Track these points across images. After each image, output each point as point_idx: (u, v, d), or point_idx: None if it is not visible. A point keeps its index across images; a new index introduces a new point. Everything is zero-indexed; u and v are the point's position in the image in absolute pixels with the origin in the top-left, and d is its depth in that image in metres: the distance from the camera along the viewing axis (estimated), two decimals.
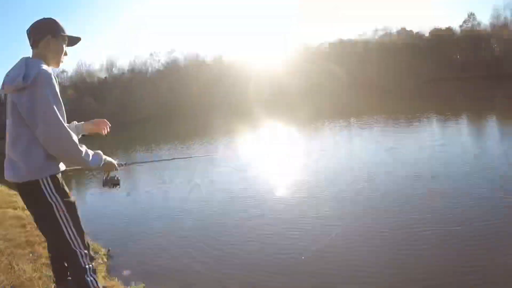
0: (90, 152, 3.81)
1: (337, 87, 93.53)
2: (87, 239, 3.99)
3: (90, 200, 20.93)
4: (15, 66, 3.52)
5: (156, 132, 62.57)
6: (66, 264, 4.06)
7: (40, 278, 6.88)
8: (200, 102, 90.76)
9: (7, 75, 3.51)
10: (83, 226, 3.95)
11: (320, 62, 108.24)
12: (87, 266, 3.80)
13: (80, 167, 4.02)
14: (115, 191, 4.79)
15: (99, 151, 3.97)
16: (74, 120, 5.01)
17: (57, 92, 3.50)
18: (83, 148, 3.71)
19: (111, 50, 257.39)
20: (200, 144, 38.80)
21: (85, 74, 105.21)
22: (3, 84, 3.54)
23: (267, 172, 21.58)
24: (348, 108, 56.56)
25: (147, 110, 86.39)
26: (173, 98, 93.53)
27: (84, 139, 4.28)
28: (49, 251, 4.42)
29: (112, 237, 13.04)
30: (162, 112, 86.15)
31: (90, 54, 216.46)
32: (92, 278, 3.82)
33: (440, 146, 22.66)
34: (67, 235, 3.69)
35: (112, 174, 4.31)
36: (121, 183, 4.51)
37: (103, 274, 9.09)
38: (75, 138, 3.58)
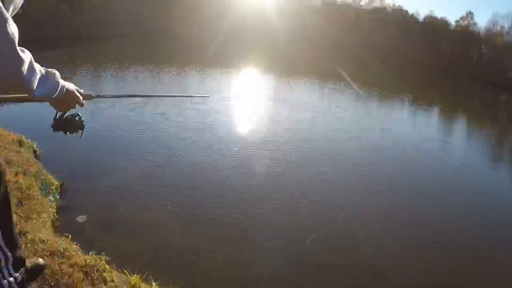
0: (38, 69, 2.20)
1: (318, 47, 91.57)
2: (15, 230, 3.03)
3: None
4: None
5: (133, 52, 57.73)
6: None
7: None
8: (182, 28, 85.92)
9: None
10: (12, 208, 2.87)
11: (309, 17, 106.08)
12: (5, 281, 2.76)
13: (16, 95, 2.89)
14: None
15: (55, 71, 2.41)
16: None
17: None
18: (26, 56, 2.06)
19: None
20: (176, 75, 37.36)
21: None
22: None
23: (243, 119, 22.53)
24: (326, 69, 56.86)
25: (126, 28, 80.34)
26: (155, 20, 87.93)
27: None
28: None
29: (68, 172, 12.00)
30: (142, 32, 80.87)
31: None
32: None
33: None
34: None
35: (72, 111, 2.90)
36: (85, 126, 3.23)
37: (52, 217, 8.60)
38: (14, 32, 1.92)
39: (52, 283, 4.67)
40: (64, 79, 2.58)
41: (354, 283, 8.04)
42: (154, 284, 6.17)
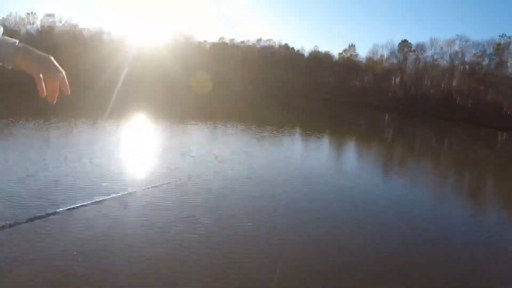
0: None
1: (209, 88, 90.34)
2: None
3: None
4: None
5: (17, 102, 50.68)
6: None
7: None
8: (75, 78, 79.06)
9: None
10: None
11: (199, 59, 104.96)
12: None
13: None
14: None
15: None
16: None
17: None
18: None
19: None
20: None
21: None
22: None
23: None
24: (216, 110, 54.57)
25: (11, 75, 72.28)
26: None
27: None
28: None
29: None
30: (27, 79, 73.06)
31: None
32: None
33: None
34: None
35: None
36: None
37: None
38: None
39: None
40: None
41: None
42: None
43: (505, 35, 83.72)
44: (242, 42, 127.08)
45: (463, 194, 22.47)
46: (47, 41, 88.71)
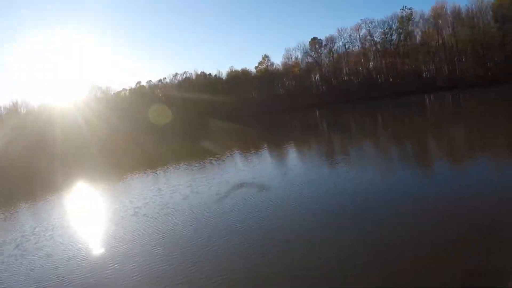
0: None
1: (137, 132, 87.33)
2: None
3: None
4: None
5: None
6: None
7: None
8: None
9: None
10: None
11: (121, 107, 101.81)
12: None
13: None
14: None
15: None
16: None
17: None
18: None
19: None
20: None
21: None
22: None
23: None
24: (153, 155, 51.73)
25: None
26: None
27: None
28: None
29: None
30: None
31: None
32: None
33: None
34: None
35: None
36: None
37: None
38: None
39: None
40: None
41: None
42: None
43: (405, 7, 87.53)
44: (159, 81, 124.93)
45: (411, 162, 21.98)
46: None
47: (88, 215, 22.94)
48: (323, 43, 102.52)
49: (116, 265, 13.84)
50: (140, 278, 12.40)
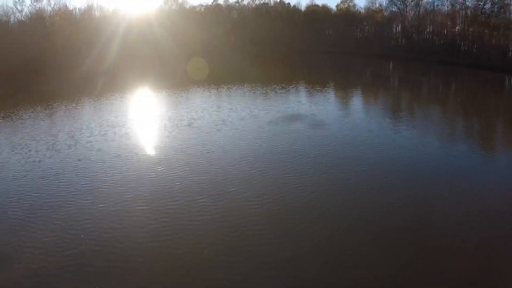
0: None
1: (210, 49, 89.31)
2: None
3: None
4: None
5: (17, 89, 49.60)
6: None
7: None
8: (67, 58, 77.20)
9: None
10: None
11: (195, 23, 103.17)
12: None
13: None
14: None
15: None
16: None
17: None
18: None
19: None
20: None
21: None
22: None
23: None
24: (222, 73, 53.33)
25: (8, 63, 71.13)
26: (38, 52, 77.99)
27: None
28: None
29: None
30: (25, 66, 71.49)
31: None
32: None
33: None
34: None
35: None
36: None
37: None
38: None
39: None
40: None
41: None
42: None
43: None
44: (237, 2, 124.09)
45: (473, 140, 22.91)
46: (38, 26, 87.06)
47: (144, 118, 25.40)
48: None
49: (160, 168, 15.86)
50: (180, 185, 14.26)
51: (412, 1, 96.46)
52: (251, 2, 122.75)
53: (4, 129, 24.71)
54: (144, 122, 25.01)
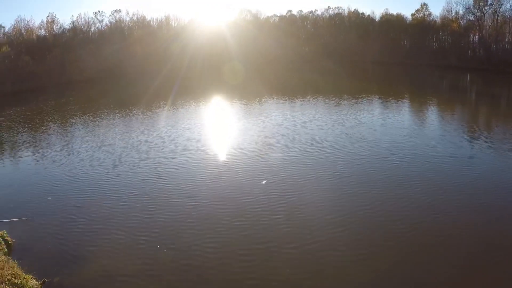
0: None
1: (283, 60, 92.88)
2: None
3: None
4: None
5: (98, 95, 57.96)
6: None
7: None
8: (144, 66, 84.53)
9: None
10: None
11: (269, 33, 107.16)
12: None
13: None
14: None
15: None
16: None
17: None
18: None
19: (53, 5, 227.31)
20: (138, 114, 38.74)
21: (23, 30, 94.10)
22: None
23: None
24: (294, 84, 56.63)
25: (89, 72, 79.32)
26: (117, 61, 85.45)
27: None
28: None
29: (47, 263, 11.86)
30: (105, 74, 79.31)
31: (30, 8, 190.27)
32: None
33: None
34: None
35: None
36: None
37: None
38: None
39: None
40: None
41: None
42: None
43: None
44: (311, 12, 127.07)
45: None
46: (116, 36, 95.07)
47: (218, 128, 31.01)
48: (489, 2, 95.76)
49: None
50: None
51: (489, 8, 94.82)
52: (325, 12, 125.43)
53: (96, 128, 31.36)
54: (221, 131, 30.20)
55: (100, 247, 13.09)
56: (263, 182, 18.00)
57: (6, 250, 12.11)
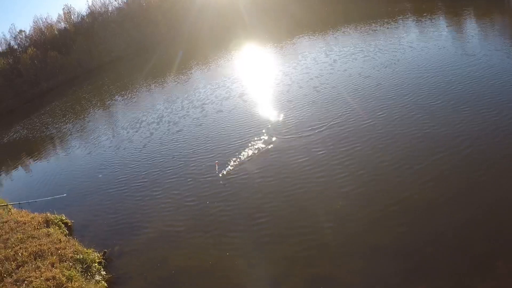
0: None
1: None
2: None
3: None
4: None
5: (127, 72, 57.81)
6: None
7: None
8: (167, 36, 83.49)
9: None
10: None
11: None
12: None
13: None
14: None
15: None
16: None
17: None
18: None
19: None
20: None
21: (43, 28, 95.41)
22: None
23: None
24: (327, 17, 52.91)
25: (116, 51, 79.67)
26: (140, 35, 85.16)
27: None
28: None
29: (106, 237, 12.45)
30: (130, 51, 79.18)
31: (44, 6, 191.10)
32: None
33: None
34: None
35: None
36: None
37: None
38: None
39: None
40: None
41: None
42: None
43: None
44: None
45: None
46: (135, 9, 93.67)
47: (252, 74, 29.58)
48: None
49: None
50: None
51: None
52: None
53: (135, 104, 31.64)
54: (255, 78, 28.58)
55: (151, 213, 13.39)
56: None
57: (66, 231, 12.77)
